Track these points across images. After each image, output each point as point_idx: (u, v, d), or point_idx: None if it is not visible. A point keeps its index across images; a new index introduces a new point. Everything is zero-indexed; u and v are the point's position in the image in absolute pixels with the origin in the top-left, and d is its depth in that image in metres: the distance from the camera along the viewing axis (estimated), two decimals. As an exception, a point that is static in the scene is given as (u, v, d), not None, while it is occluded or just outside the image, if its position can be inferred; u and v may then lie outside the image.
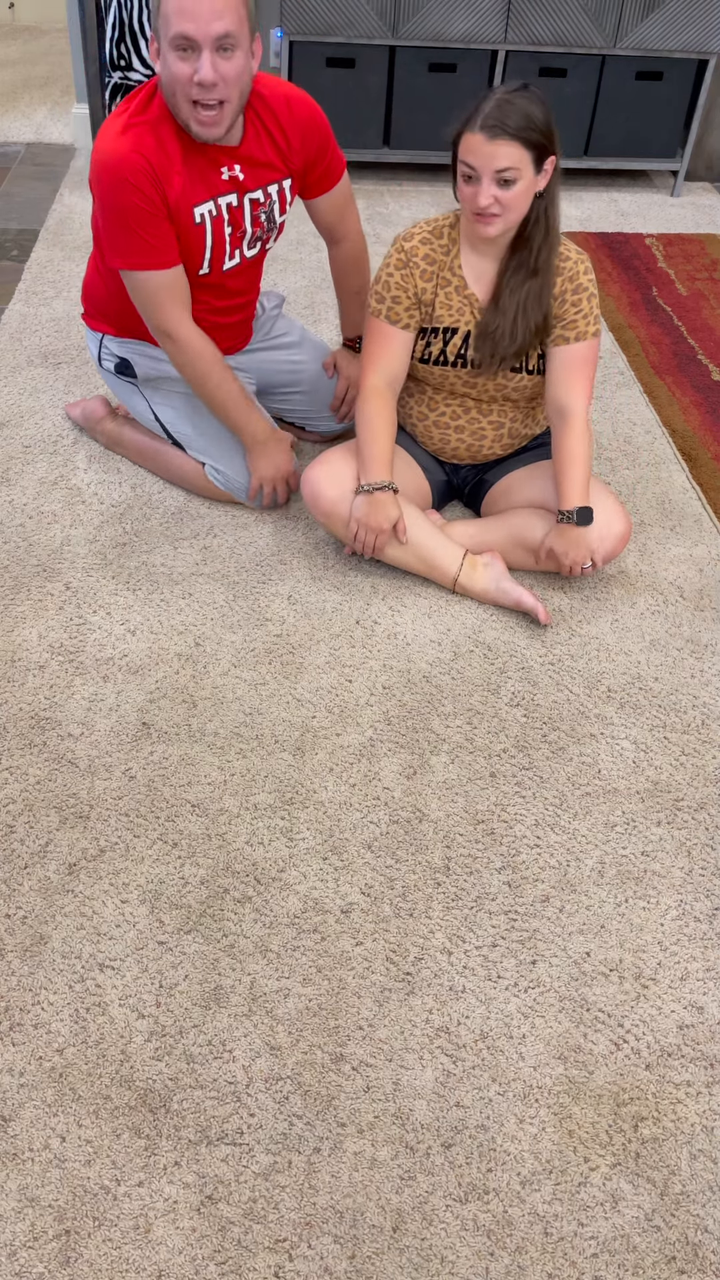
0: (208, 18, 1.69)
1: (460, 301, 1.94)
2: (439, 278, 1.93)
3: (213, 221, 1.95)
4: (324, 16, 3.47)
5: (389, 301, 1.95)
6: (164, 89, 1.81)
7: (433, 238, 1.93)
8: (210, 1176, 1.26)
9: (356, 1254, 1.21)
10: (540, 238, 1.85)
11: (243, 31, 1.74)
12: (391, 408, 2.00)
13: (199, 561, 2.14)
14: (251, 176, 1.96)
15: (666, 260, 3.53)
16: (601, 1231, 1.24)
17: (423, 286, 1.93)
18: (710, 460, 2.55)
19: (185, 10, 1.69)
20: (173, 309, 1.96)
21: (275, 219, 2.06)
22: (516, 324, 1.90)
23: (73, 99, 4.53)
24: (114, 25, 3.44)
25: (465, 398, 2.06)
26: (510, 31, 3.54)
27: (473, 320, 1.95)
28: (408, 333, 1.97)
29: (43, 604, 2.02)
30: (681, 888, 1.60)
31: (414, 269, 1.93)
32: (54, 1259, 1.19)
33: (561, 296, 1.92)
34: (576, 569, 1.98)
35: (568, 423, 1.96)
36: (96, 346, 2.21)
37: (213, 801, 1.68)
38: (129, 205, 1.84)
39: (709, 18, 3.59)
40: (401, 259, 1.93)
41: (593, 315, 1.94)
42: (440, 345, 1.98)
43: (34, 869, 1.57)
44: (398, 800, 1.70)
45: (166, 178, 1.86)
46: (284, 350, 2.32)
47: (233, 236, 1.99)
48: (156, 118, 1.85)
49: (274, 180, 2.00)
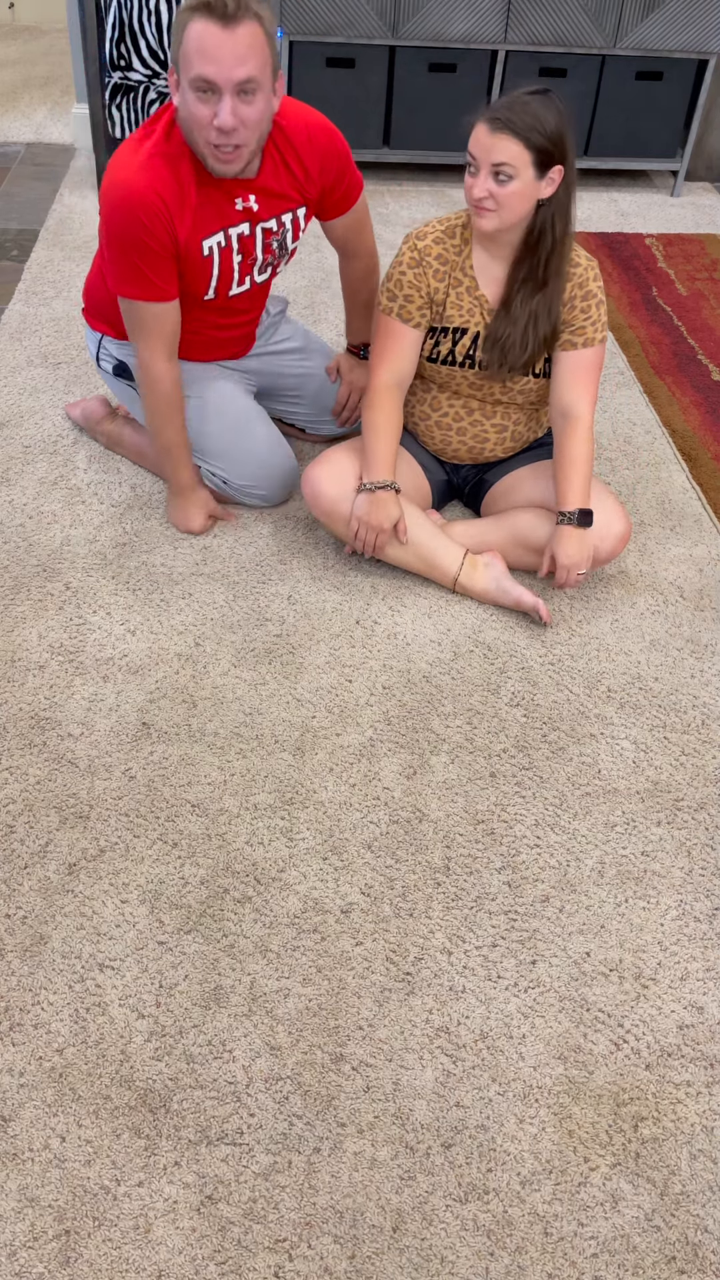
0: (230, 63, 1.65)
1: (471, 302, 1.94)
2: (451, 277, 1.93)
3: (221, 252, 1.93)
4: (324, 16, 3.47)
5: (401, 300, 1.95)
6: (181, 123, 1.78)
7: (445, 237, 1.93)
8: (210, 1176, 1.26)
9: (356, 1254, 1.21)
10: (547, 248, 1.85)
11: (265, 75, 1.70)
12: (398, 407, 1.99)
13: (199, 561, 2.15)
14: (266, 206, 1.94)
15: (666, 260, 3.53)
16: (601, 1231, 1.24)
17: (435, 286, 1.93)
18: (710, 460, 2.55)
19: (208, 53, 1.64)
20: (155, 341, 1.96)
21: (287, 246, 2.05)
22: (528, 333, 1.90)
23: (73, 99, 4.53)
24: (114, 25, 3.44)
25: (470, 399, 2.06)
26: (510, 31, 3.54)
27: (483, 321, 1.95)
28: (418, 331, 1.97)
29: (43, 604, 2.02)
30: (681, 888, 1.60)
31: (427, 268, 1.93)
32: (54, 1259, 1.19)
33: (570, 302, 1.92)
34: (574, 575, 1.97)
35: (571, 427, 1.96)
36: (95, 346, 2.22)
37: (213, 801, 1.68)
38: (136, 241, 1.83)
39: (709, 18, 3.59)
40: (415, 258, 1.93)
41: (601, 322, 1.94)
42: (449, 345, 1.98)
43: (34, 869, 1.57)
44: (398, 800, 1.70)
45: (180, 216, 1.84)
46: (287, 356, 2.32)
47: (243, 264, 1.99)
48: (177, 151, 1.82)
49: (288, 209, 1.98)
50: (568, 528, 1.95)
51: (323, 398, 2.38)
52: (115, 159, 1.84)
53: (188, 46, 1.67)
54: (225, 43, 1.64)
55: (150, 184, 1.80)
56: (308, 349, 2.34)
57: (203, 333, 2.09)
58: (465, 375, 2.01)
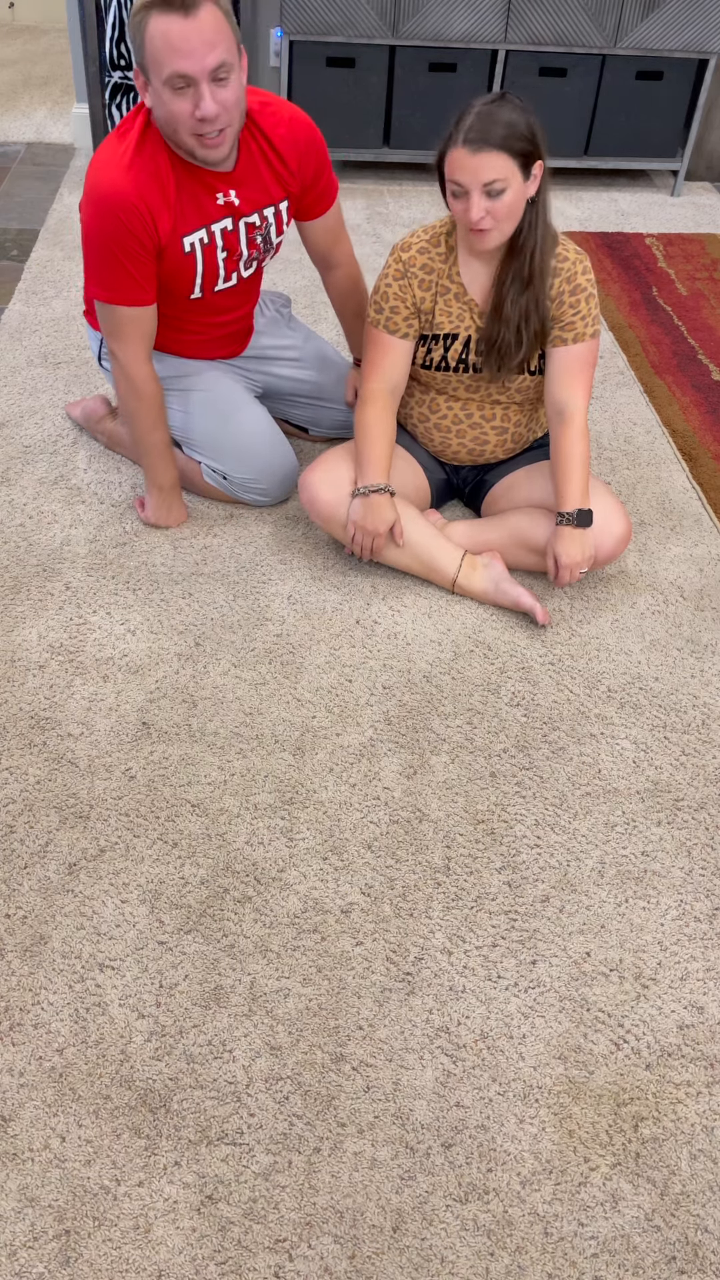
0: (201, 52, 1.65)
1: (460, 308, 1.94)
2: (438, 285, 1.93)
3: (204, 249, 1.93)
4: (324, 16, 3.47)
5: (387, 311, 1.95)
6: (160, 124, 1.78)
7: (430, 246, 1.92)
8: (210, 1176, 1.26)
9: (356, 1254, 1.21)
10: (534, 243, 1.85)
11: (234, 54, 1.71)
12: (391, 413, 1.99)
13: (199, 561, 2.14)
14: (247, 201, 1.94)
15: (666, 260, 3.53)
16: (601, 1231, 1.24)
17: (421, 295, 1.93)
18: (710, 460, 2.55)
19: (176, 49, 1.64)
20: (133, 344, 1.96)
21: (272, 240, 2.05)
22: (521, 332, 1.90)
23: (73, 99, 4.53)
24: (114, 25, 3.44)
25: (468, 401, 2.05)
26: (510, 31, 3.54)
27: (473, 325, 1.95)
28: (406, 341, 1.97)
29: (43, 604, 2.02)
30: (681, 888, 1.60)
31: (412, 279, 1.93)
32: (54, 1259, 1.19)
33: (559, 298, 1.91)
34: (576, 573, 1.97)
35: (566, 423, 1.95)
36: (98, 345, 2.22)
37: (213, 801, 1.68)
38: (118, 242, 1.83)
39: (709, 18, 3.59)
40: (399, 269, 1.93)
41: (591, 316, 1.93)
42: (441, 351, 1.98)
43: (34, 869, 1.57)
44: (398, 800, 1.70)
45: (160, 215, 1.84)
46: (289, 364, 2.33)
47: (228, 261, 1.99)
48: (154, 150, 1.82)
49: (270, 204, 1.98)
50: (568, 528, 1.95)
51: (325, 400, 2.38)
52: (94, 162, 1.84)
53: (153, 46, 1.66)
54: (191, 33, 1.64)
55: (133, 186, 1.80)
56: (308, 354, 2.35)
57: (198, 332, 2.10)
58: (460, 379, 2.01)
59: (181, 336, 2.11)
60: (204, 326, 2.11)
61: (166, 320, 2.06)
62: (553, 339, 1.94)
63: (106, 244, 1.84)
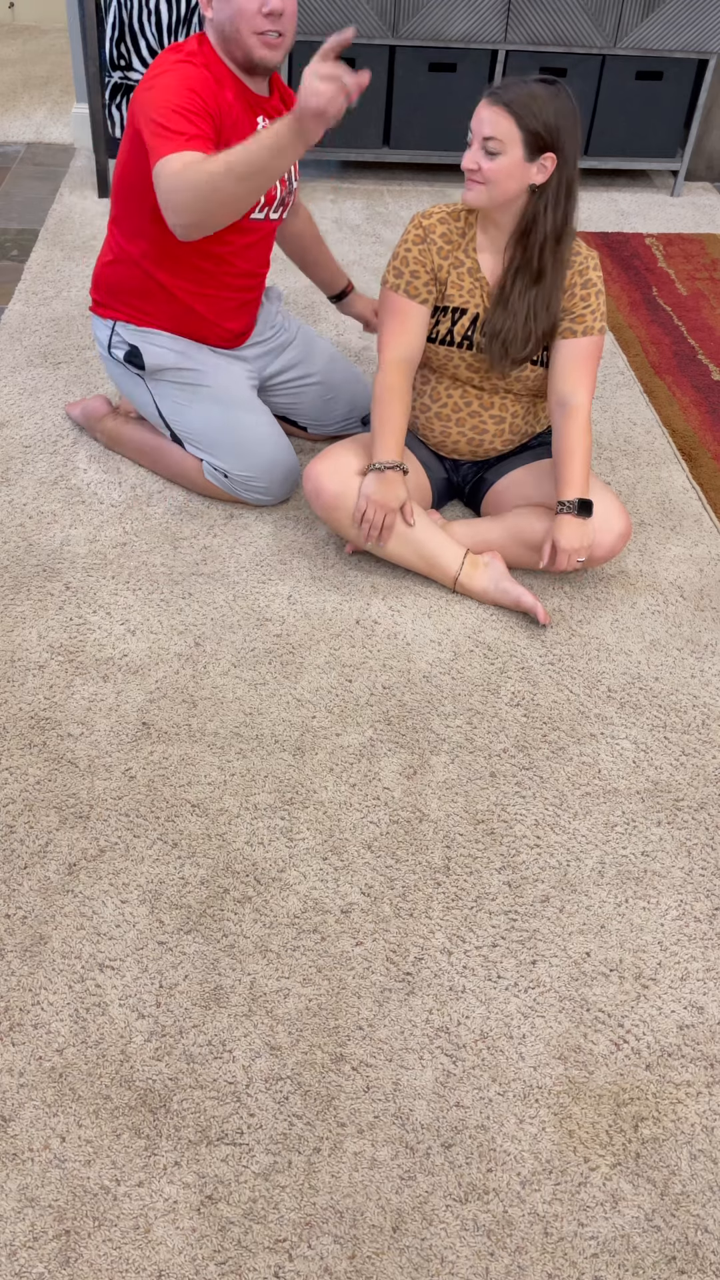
0: None
1: (472, 284, 1.96)
2: (454, 257, 1.96)
3: None
4: (324, 16, 3.47)
5: (408, 275, 1.96)
6: (222, 29, 1.89)
7: (450, 219, 1.96)
8: (210, 1176, 1.26)
9: (356, 1254, 1.21)
10: (540, 239, 1.86)
11: None
12: (408, 384, 1.99)
13: (199, 561, 2.14)
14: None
15: (666, 260, 3.53)
16: (601, 1231, 1.24)
17: (439, 263, 1.96)
18: (710, 460, 2.55)
19: None
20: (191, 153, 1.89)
21: (292, 182, 2.14)
22: (529, 327, 1.92)
23: (73, 99, 4.53)
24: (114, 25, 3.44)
25: (468, 386, 2.06)
26: (510, 31, 3.54)
27: (482, 304, 1.96)
28: (425, 308, 1.98)
29: (43, 604, 2.02)
30: (681, 888, 1.60)
31: (431, 245, 1.95)
32: (54, 1259, 1.19)
33: (570, 289, 1.93)
34: (573, 560, 1.96)
35: (569, 415, 1.96)
36: (107, 334, 2.21)
37: (213, 801, 1.68)
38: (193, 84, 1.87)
39: (709, 18, 3.59)
40: (420, 234, 1.95)
41: (600, 312, 1.95)
42: (448, 325, 1.99)
43: (34, 869, 1.57)
44: (398, 800, 1.70)
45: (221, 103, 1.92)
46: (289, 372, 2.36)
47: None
48: (212, 61, 1.93)
49: None
50: (568, 516, 1.95)
51: (325, 402, 2.39)
52: (157, 64, 1.92)
53: None
54: None
55: (201, 65, 1.92)
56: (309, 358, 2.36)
57: (218, 290, 2.12)
58: (463, 357, 2.01)
59: (204, 291, 2.11)
60: (224, 287, 2.13)
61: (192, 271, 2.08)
62: (562, 330, 1.95)
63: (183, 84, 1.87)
